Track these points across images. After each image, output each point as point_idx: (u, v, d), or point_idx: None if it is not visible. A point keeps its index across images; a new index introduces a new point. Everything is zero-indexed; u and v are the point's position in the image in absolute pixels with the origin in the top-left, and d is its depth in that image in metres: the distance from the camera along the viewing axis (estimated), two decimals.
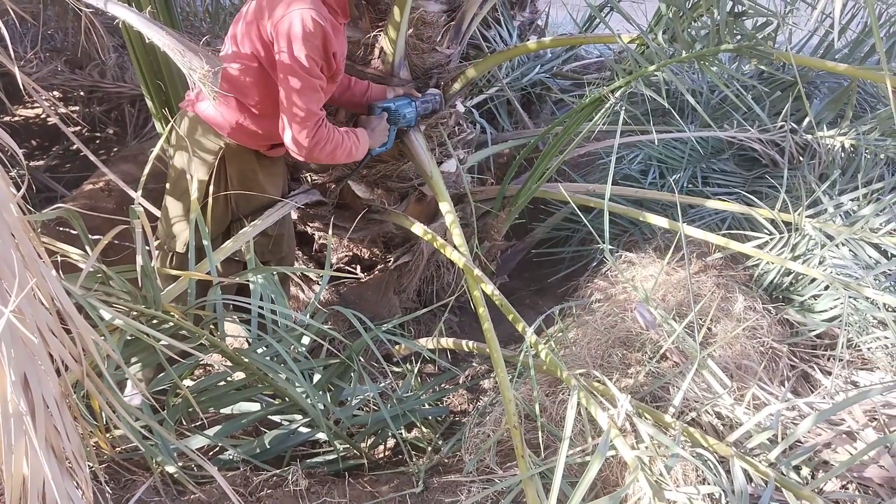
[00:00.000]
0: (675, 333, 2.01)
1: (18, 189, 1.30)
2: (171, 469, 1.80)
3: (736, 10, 2.17)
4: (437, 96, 2.58)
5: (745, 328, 2.30)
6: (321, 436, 2.15)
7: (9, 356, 1.10)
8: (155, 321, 1.75)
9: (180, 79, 2.60)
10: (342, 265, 2.92)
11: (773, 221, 2.72)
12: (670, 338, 2.04)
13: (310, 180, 2.74)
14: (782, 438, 1.77)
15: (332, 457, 2.14)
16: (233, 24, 2.14)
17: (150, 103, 2.68)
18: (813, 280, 2.57)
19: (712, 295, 2.43)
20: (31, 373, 1.14)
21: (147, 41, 1.61)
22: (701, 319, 2.25)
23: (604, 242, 2.25)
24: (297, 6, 1.93)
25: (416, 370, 2.58)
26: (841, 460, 1.80)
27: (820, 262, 2.55)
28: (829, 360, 2.42)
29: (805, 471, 1.81)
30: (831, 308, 2.50)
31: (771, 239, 2.69)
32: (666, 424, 1.83)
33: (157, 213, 2.40)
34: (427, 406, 2.50)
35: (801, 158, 3.18)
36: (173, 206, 2.29)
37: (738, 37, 2.20)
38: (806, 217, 2.62)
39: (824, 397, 2.17)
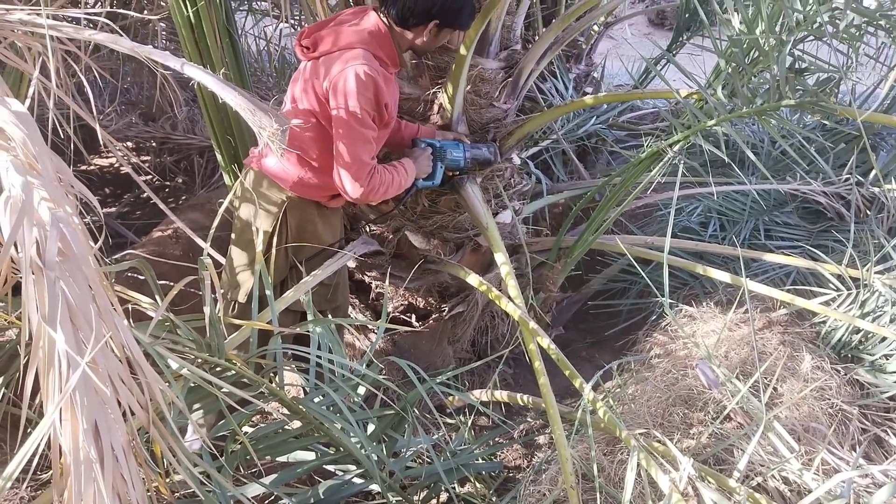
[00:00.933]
0: (739, 393, 1.95)
1: (94, 237, 1.37)
2: None
3: (797, 67, 2.15)
4: (492, 147, 2.61)
5: (812, 388, 2.21)
6: (374, 487, 2.15)
7: (81, 405, 1.14)
8: (217, 369, 1.79)
9: (248, 134, 2.71)
10: (397, 314, 2.94)
11: (840, 277, 2.64)
12: (734, 398, 1.98)
13: (368, 231, 2.79)
14: None
15: None
16: (291, 83, 2.24)
17: (219, 157, 2.79)
18: (884, 339, 2.46)
19: (777, 353, 2.35)
20: (101, 421, 1.18)
21: (220, 101, 1.69)
22: (766, 378, 2.18)
23: (663, 295, 2.21)
24: (351, 63, 2.02)
25: (469, 423, 2.56)
26: None
27: (891, 321, 2.44)
28: None
29: None
30: None
31: (838, 295, 2.60)
32: (730, 489, 1.76)
33: (222, 260, 2.47)
34: (481, 461, 2.47)
35: (868, 212, 3.09)
36: (238, 256, 2.37)
37: (800, 92, 2.18)
38: (875, 272, 2.53)
39: None
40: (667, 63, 4.01)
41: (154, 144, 4.39)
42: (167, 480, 1.87)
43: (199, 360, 1.75)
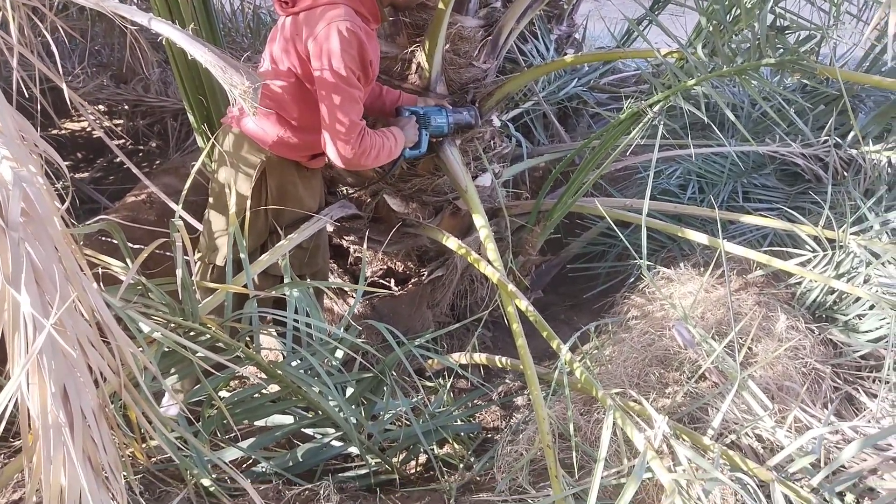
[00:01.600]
0: (714, 353, 1.97)
1: (63, 201, 1.33)
2: (205, 481, 1.81)
3: (778, 25, 2.13)
4: (473, 111, 2.58)
5: (786, 348, 2.24)
6: (353, 450, 2.16)
7: (49, 368, 1.12)
8: (192, 333, 1.77)
9: (221, 94, 2.65)
10: (376, 278, 2.92)
11: (816, 238, 2.65)
12: (709, 357, 2.00)
13: (346, 194, 2.76)
14: (825, 463, 1.72)
15: (363, 471, 2.14)
16: (269, 41, 2.17)
17: (191, 117, 2.73)
18: (858, 299, 2.49)
19: (753, 313, 2.38)
20: (70, 385, 1.16)
21: (189, 57, 1.64)
22: (741, 339, 2.20)
23: (641, 258, 2.22)
24: (334, 21, 1.96)
25: (448, 385, 2.57)
26: (889, 488, 1.73)
27: (865, 281, 2.47)
28: (874, 382, 2.34)
29: (849, 498, 1.75)
30: (877, 328, 2.42)
31: (814, 256, 2.62)
32: (704, 447, 1.79)
33: (198, 225, 2.44)
34: (459, 422, 2.48)
35: (845, 174, 3.11)
36: (216, 219, 2.33)
37: (781, 51, 2.16)
38: (851, 234, 2.55)
39: (870, 421, 2.10)
40: (649, 23, 3.97)
41: (126, 107, 4.28)
42: (143, 446, 1.86)
43: (173, 325, 1.73)
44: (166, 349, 1.72)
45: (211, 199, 2.36)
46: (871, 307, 2.45)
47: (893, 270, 2.48)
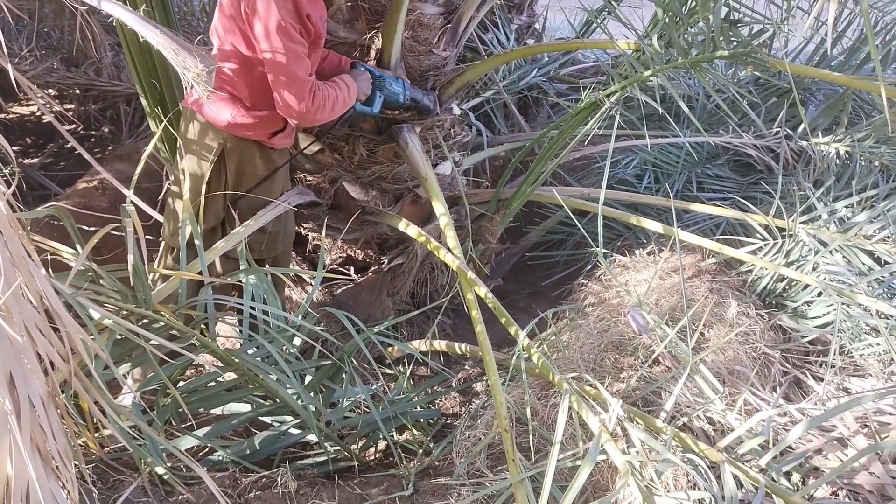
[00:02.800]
0: (667, 338, 2.01)
1: (10, 186, 1.29)
2: (159, 470, 1.79)
3: (732, 18, 2.17)
4: (432, 96, 2.57)
5: (737, 333, 2.30)
6: (312, 437, 2.15)
7: None
8: (145, 321, 1.74)
9: (175, 78, 2.59)
10: (336, 266, 2.91)
11: (767, 227, 2.73)
12: (663, 342, 2.04)
13: (304, 180, 2.74)
14: (773, 444, 1.77)
15: (322, 459, 2.13)
16: (215, 17, 2.13)
17: (143, 101, 2.67)
18: (806, 286, 2.57)
19: (705, 300, 2.43)
20: (16, 372, 1.13)
21: (142, 40, 1.61)
22: (694, 324, 2.25)
23: (598, 246, 2.25)
24: None
25: (408, 372, 2.58)
26: (832, 467, 1.80)
27: (813, 269, 2.55)
28: (821, 366, 2.42)
29: (796, 477, 1.80)
30: (824, 314, 2.50)
31: (765, 245, 2.69)
32: (657, 429, 1.83)
33: (152, 211, 2.39)
34: (419, 409, 2.49)
35: (796, 165, 3.19)
36: (179, 205, 2.28)
37: (734, 43, 2.20)
38: (800, 223, 2.63)
39: (816, 404, 2.17)
40: (609, 14, 4.00)
41: (78, 92, 4.16)
42: (96, 435, 1.83)
43: (125, 312, 1.70)
44: (119, 337, 1.68)
45: (174, 188, 2.31)
46: (819, 294, 2.53)
47: (840, 259, 2.56)
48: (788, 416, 2.01)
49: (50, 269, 1.44)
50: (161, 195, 2.68)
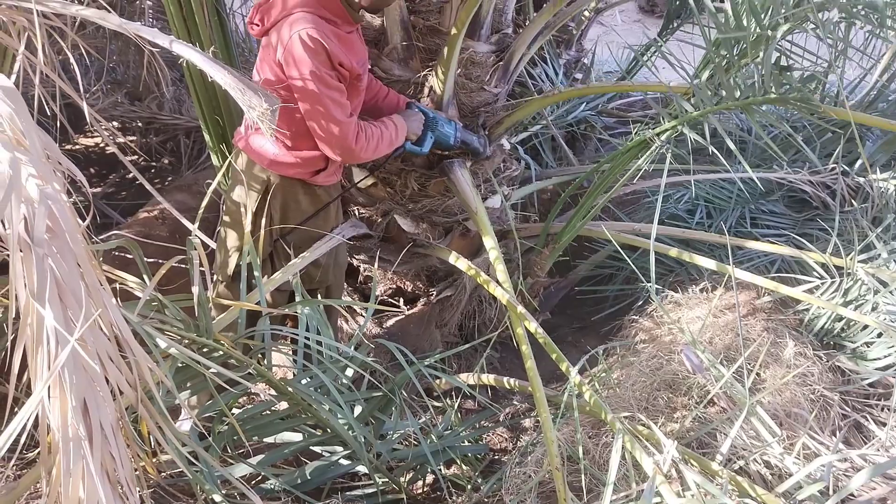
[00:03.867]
0: (723, 378, 1.98)
1: (82, 216, 1.36)
2: (216, 497, 1.82)
3: (781, 63, 2.16)
4: (483, 139, 2.61)
5: (795, 374, 2.24)
6: (361, 468, 2.16)
7: (70, 382, 1.14)
8: (206, 349, 1.79)
9: (237, 113, 2.69)
10: (386, 297, 2.94)
11: (824, 265, 2.67)
12: (718, 382, 2.00)
13: (357, 214, 2.79)
14: (834, 491, 1.71)
15: (371, 490, 2.14)
16: (258, 56, 2.20)
17: (207, 136, 2.77)
18: (866, 327, 2.50)
19: (761, 339, 2.38)
20: (90, 399, 1.18)
21: (210, 80, 1.68)
22: (749, 364, 2.20)
23: (649, 282, 2.23)
24: (295, 28, 1.99)
25: (456, 406, 2.58)
26: None
27: (873, 309, 2.48)
28: (882, 410, 2.34)
29: None
30: (885, 356, 2.42)
31: (822, 283, 2.63)
32: (713, 472, 1.79)
33: (211, 242, 2.46)
34: (467, 443, 2.49)
35: (853, 201, 3.12)
36: (229, 235, 2.35)
37: (785, 87, 2.19)
38: (858, 262, 2.56)
39: (878, 449, 2.10)
40: (656, 51, 4.01)
41: (140, 124, 4.33)
42: (153, 460, 1.87)
43: (187, 341, 1.75)
44: (180, 365, 1.74)
45: (225, 217, 2.38)
46: (879, 335, 2.46)
47: None
48: (849, 462, 1.95)
49: (117, 299, 1.50)
50: (218, 227, 2.76)
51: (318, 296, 2.52)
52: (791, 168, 3.22)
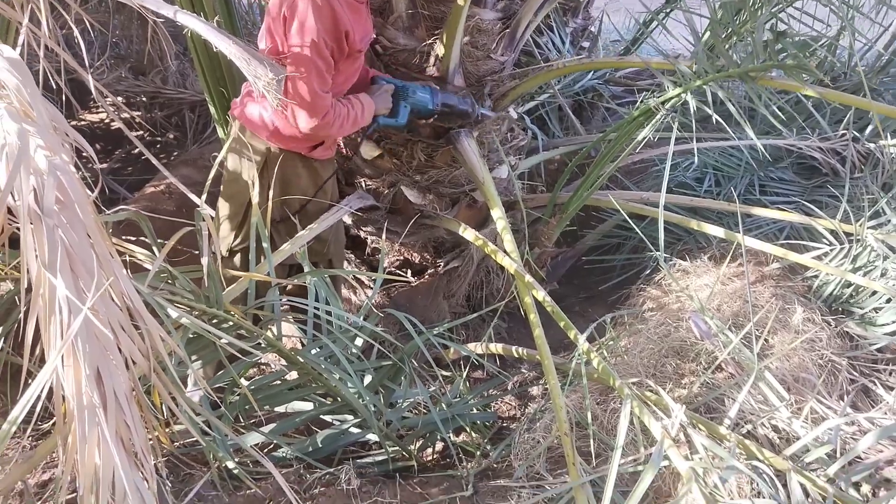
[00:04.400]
0: (731, 344, 1.98)
1: (90, 190, 1.36)
2: (229, 465, 1.85)
3: (779, 30, 2.13)
4: (469, 99, 2.53)
5: (803, 340, 2.24)
6: (372, 437, 2.19)
7: (84, 351, 1.15)
8: (216, 320, 1.81)
9: (242, 85, 2.67)
10: (393, 269, 2.95)
11: (833, 232, 2.66)
12: (726, 349, 2.01)
13: (364, 185, 2.79)
14: (841, 454, 1.73)
15: (381, 458, 2.17)
16: (263, 23, 2.15)
17: (212, 109, 2.76)
18: (874, 293, 2.49)
19: (769, 306, 2.38)
20: (103, 367, 1.19)
21: (215, 49, 1.67)
22: (758, 330, 2.20)
23: (657, 250, 2.23)
24: None
25: (464, 375, 2.59)
26: None
27: (882, 275, 2.47)
28: (890, 374, 2.34)
29: (865, 488, 1.76)
30: (893, 321, 2.42)
31: (831, 250, 2.63)
32: (721, 436, 1.80)
33: (215, 214, 2.46)
34: (476, 411, 2.51)
35: (863, 167, 3.10)
36: (222, 207, 2.35)
37: (784, 55, 2.16)
38: (868, 228, 2.55)
39: (886, 413, 2.10)
40: (666, 16, 3.96)
41: (144, 99, 4.32)
42: (167, 430, 1.90)
43: (198, 312, 1.76)
44: (191, 335, 1.75)
45: (221, 189, 2.38)
46: (888, 301, 2.45)
47: None
48: (857, 426, 1.96)
49: (128, 271, 1.51)
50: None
51: (321, 268, 2.52)
52: (801, 135, 3.19)
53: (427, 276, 2.92)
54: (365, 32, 2.18)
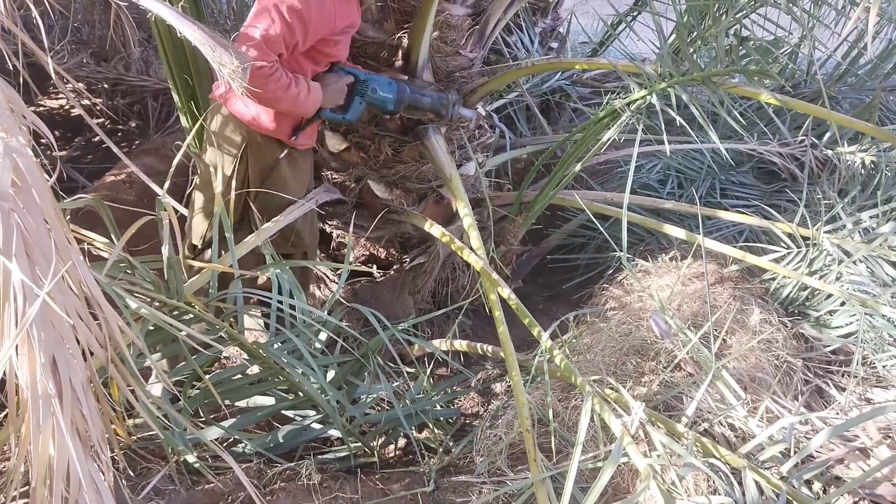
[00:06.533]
0: (690, 343, 2.02)
1: (48, 176, 1.33)
2: (189, 458, 1.82)
3: (740, 35, 2.18)
4: (447, 96, 2.48)
5: (760, 341, 2.29)
6: (334, 432, 2.17)
7: (39, 339, 1.12)
8: (177, 312, 1.77)
9: (207, 74, 2.63)
10: (359, 264, 2.93)
11: (790, 236, 2.72)
12: (685, 348, 2.04)
13: (330, 179, 2.76)
14: (795, 452, 1.77)
15: (343, 454, 2.15)
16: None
17: (176, 97, 2.71)
18: (829, 296, 2.56)
19: (728, 307, 2.43)
20: (59, 356, 1.17)
21: (179, 35, 1.64)
22: (716, 330, 2.25)
23: (620, 250, 2.26)
24: None
25: (428, 371, 2.59)
26: (853, 476, 1.80)
27: (837, 278, 2.54)
28: (843, 376, 2.41)
29: (817, 485, 1.81)
30: (847, 324, 2.50)
31: (788, 253, 2.69)
32: (679, 434, 1.83)
33: (179, 206, 2.42)
34: (439, 407, 2.51)
35: (820, 173, 3.18)
36: (197, 198, 2.32)
37: (747, 60, 2.21)
38: (824, 232, 2.62)
39: (838, 413, 2.17)
40: (633, 19, 4.01)
41: (106, 86, 4.22)
42: (125, 423, 1.86)
43: (158, 302, 1.73)
44: (151, 327, 1.72)
45: (196, 180, 2.34)
46: (842, 304, 2.52)
47: (864, 269, 2.56)
48: (810, 425, 2.02)
49: (86, 259, 1.47)
50: (188, 190, 2.72)
51: (291, 259, 2.50)
52: (761, 140, 3.26)
53: (393, 272, 2.92)
54: (349, 21, 2.15)
